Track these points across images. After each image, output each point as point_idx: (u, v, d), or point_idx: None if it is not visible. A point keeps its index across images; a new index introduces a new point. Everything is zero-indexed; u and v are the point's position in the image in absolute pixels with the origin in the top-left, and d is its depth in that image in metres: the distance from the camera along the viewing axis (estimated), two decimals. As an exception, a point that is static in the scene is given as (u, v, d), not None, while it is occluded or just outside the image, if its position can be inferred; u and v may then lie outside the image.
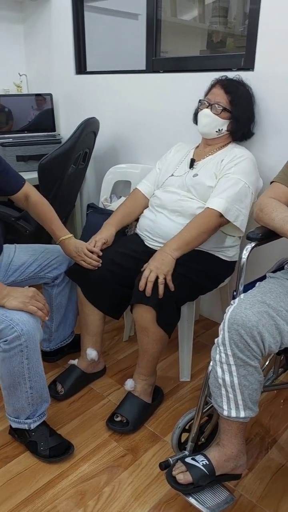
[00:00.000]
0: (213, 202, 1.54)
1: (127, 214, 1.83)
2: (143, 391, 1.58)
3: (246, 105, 1.69)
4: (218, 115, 1.64)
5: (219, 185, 1.57)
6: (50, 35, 2.56)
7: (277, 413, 1.64)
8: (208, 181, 1.61)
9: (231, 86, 1.65)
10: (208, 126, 1.66)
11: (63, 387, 1.67)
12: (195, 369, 1.85)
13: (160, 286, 1.43)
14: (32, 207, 1.63)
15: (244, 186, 1.56)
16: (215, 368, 1.18)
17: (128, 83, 2.26)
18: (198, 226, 1.53)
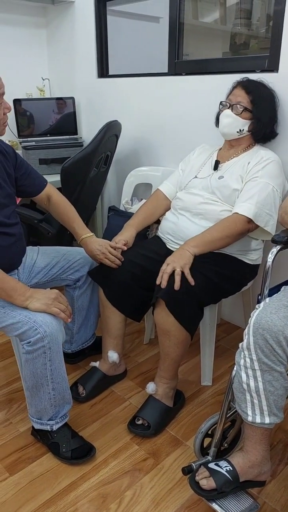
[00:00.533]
0: (241, 207, 1.52)
1: (148, 215, 1.83)
2: (164, 395, 1.57)
3: (268, 105, 1.66)
4: (239, 115, 1.62)
5: (247, 190, 1.55)
6: (73, 39, 2.59)
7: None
8: (233, 184, 1.60)
9: (252, 87, 1.64)
10: (229, 127, 1.65)
11: (85, 389, 1.67)
12: (216, 373, 1.83)
13: (176, 277, 1.42)
14: (54, 207, 1.64)
15: (272, 190, 1.54)
16: (239, 373, 1.17)
17: (150, 86, 2.26)
18: (222, 229, 1.52)
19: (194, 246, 1.50)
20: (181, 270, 1.44)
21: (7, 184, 1.45)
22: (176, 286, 1.42)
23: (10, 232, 1.44)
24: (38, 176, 1.62)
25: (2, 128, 1.33)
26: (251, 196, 1.52)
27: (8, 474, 1.37)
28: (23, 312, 1.28)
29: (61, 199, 1.66)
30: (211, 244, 1.52)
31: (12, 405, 1.65)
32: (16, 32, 2.61)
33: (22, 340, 1.28)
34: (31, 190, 1.61)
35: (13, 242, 1.45)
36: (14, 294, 1.28)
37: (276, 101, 1.69)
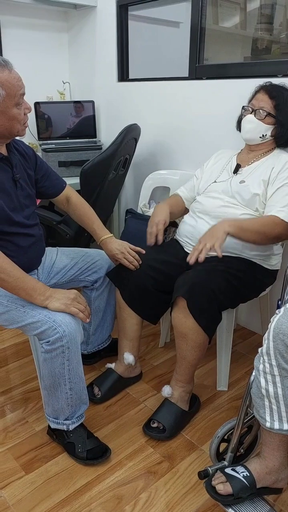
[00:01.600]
0: (282, 212, 1.49)
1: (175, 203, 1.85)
2: (180, 398, 1.57)
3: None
4: (262, 120, 1.62)
5: (280, 197, 1.53)
6: (94, 43, 2.61)
7: None
8: (255, 189, 1.59)
9: (275, 91, 1.63)
10: (251, 132, 1.64)
11: (100, 390, 1.67)
12: (232, 378, 1.82)
13: (203, 251, 1.40)
14: (73, 208, 1.66)
15: None
16: (258, 378, 1.16)
17: (170, 90, 2.27)
18: (261, 224, 1.49)
19: (229, 225, 1.45)
20: (211, 246, 1.40)
21: (27, 185, 1.47)
22: (201, 259, 1.41)
23: (30, 233, 1.46)
24: (57, 178, 1.64)
25: (22, 129, 1.34)
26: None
27: (24, 472, 1.38)
28: (43, 311, 1.29)
29: (80, 201, 1.67)
30: (247, 233, 1.47)
31: (28, 404, 1.66)
32: (39, 37, 2.65)
33: (41, 339, 1.29)
34: (51, 192, 1.62)
35: (32, 242, 1.47)
36: (34, 294, 1.29)
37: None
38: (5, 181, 1.36)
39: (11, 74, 1.23)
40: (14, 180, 1.40)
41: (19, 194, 1.42)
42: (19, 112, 1.29)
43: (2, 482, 1.35)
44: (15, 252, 1.38)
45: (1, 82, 1.21)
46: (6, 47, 2.52)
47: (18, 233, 1.40)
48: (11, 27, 2.52)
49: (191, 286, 1.43)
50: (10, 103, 1.25)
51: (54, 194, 1.64)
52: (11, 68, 1.25)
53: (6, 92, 1.22)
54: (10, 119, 1.28)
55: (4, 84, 1.22)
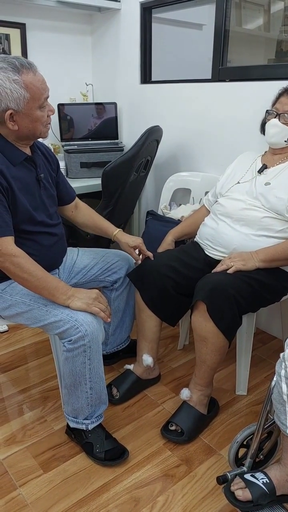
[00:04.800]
0: None
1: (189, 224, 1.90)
2: (199, 402, 1.55)
3: None
4: (286, 124, 1.60)
5: None
6: (117, 45, 2.63)
7: None
8: (281, 193, 1.57)
9: None
10: (276, 136, 1.63)
11: (119, 391, 1.67)
12: (251, 383, 1.80)
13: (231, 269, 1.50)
14: (82, 212, 1.70)
15: None
16: (279, 383, 1.14)
17: (193, 92, 2.27)
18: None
19: (262, 260, 1.53)
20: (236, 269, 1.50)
21: (50, 185, 1.49)
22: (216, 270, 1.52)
23: (53, 232, 1.47)
24: (70, 186, 1.67)
25: (45, 130, 1.36)
26: None
27: (42, 471, 1.39)
28: (65, 310, 1.30)
29: (87, 206, 1.73)
30: (278, 263, 1.55)
31: (47, 403, 1.68)
32: (63, 39, 2.68)
33: (63, 338, 1.30)
34: (66, 198, 1.64)
35: (55, 241, 1.49)
36: (56, 293, 1.30)
37: None
38: (29, 181, 1.38)
39: (35, 76, 1.25)
40: (38, 180, 1.41)
41: (42, 193, 1.43)
42: (42, 114, 1.30)
43: (20, 480, 1.36)
44: (38, 251, 1.40)
45: (25, 84, 1.22)
46: (31, 49, 2.56)
47: (41, 232, 1.42)
48: (36, 29, 2.55)
49: (211, 289, 1.42)
50: (34, 106, 1.27)
51: (68, 201, 1.66)
52: (36, 70, 1.26)
53: (30, 95, 1.24)
54: (34, 121, 1.29)
55: (29, 87, 1.23)
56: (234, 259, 1.54)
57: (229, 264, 1.52)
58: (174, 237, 1.87)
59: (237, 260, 1.53)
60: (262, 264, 1.54)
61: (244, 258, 1.54)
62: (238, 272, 1.51)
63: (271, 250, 1.55)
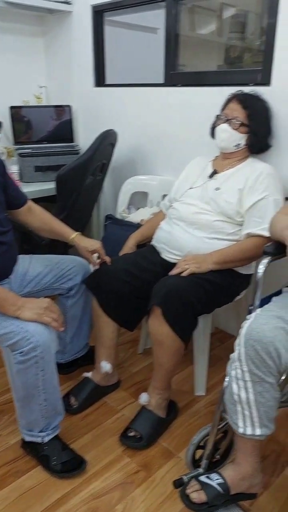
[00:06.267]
0: (266, 230, 1.50)
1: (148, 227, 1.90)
2: (157, 406, 1.56)
3: (263, 119, 1.68)
4: (236, 129, 1.63)
5: (263, 210, 1.55)
6: (70, 48, 2.60)
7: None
8: (230, 197, 1.60)
9: (247, 101, 1.65)
10: (226, 141, 1.66)
11: (77, 400, 1.65)
12: (210, 383, 1.82)
13: (185, 272, 1.51)
14: (37, 215, 1.65)
15: (281, 202, 1.56)
16: (230, 384, 1.16)
17: (146, 96, 2.27)
18: (245, 251, 1.56)
19: (215, 262, 1.55)
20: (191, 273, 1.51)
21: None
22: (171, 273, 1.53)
23: (2, 240, 1.43)
24: (20, 189, 1.62)
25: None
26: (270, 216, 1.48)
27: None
28: (15, 322, 1.27)
29: (42, 209, 1.68)
30: (231, 264, 1.59)
31: (2, 417, 1.63)
32: (13, 40, 2.62)
33: (14, 350, 1.27)
34: (17, 202, 1.59)
35: (4, 250, 1.45)
36: (5, 304, 1.27)
37: (270, 113, 1.71)
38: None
39: None
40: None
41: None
42: None
43: (-26, 499, 1.31)
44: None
45: None
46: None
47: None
48: (-16, 31, 2.49)
49: (166, 293, 1.42)
50: None
51: (19, 205, 1.60)
52: None
53: None
54: None
55: None
56: (189, 261, 1.55)
57: (184, 267, 1.54)
58: (136, 241, 1.87)
59: (191, 263, 1.54)
60: (216, 266, 1.56)
61: (198, 260, 1.56)
62: (193, 274, 1.52)
63: (223, 252, 1.58)
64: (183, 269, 1.53)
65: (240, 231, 1.62)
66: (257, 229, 1.55)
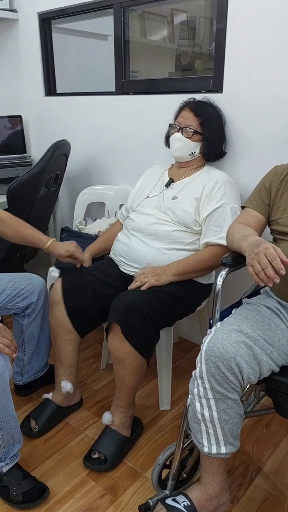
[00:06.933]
0: (224, 239, 1.48)
1: (104, 240, 1.86)
2: (121, 424, 1.51)
3: (217, 126, 1.68)
4: (189, 138, 1.62)
5: (221, 219, 1.54)
6: (18, 57, 2.52)
7: (260, 439, 1.59)
8: (187, 206, 1.58)
9: (200, 109, 1.64)
10: (181, 150, 1.64)
11: (37, 423, 1.58)
12: (175, 395, 1.79)
13: (144, 286, 1.49)
14: (8, 224, 1.59)
15: (238, 210, 1.56)
16: (193, 402, 1.13)
17: (98, 104, 2.24)
18: (205, 261, 1.55)
19: (174, 274, 1.53)
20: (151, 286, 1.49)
21: None
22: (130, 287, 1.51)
23: None
24: None
25: None
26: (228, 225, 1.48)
27: None
28: None
29: (13, 216, 1.61)
30: (190, 275, 1.56)
31: None
32: None
33: None
34: None
35: None
36: None
37: (223, 119, 1.71)
38: None
39: None
40: None
41: None
42: None
43: None
44: None
45: None
46: None
47: None
48: None
49: (124, 310, 1.38)
50: None
51: None
52: None
53: None
54: None
55: None
56: (148, 274, 1.52)
57: (143, 280, 1.50)
58: (91, 253, 1.81)
59: (150, 276, 1.51)
60: (175, 277, 1.54)
61: (157, 273, 1.53)
62: (152, 287, 1.49)
63: (182, 263, 1.56)
64: (142, 282, 1.50)
65: (198, 240, 1.60)
66: (215, 238, 1.55)
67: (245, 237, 1.23)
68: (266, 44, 1.58)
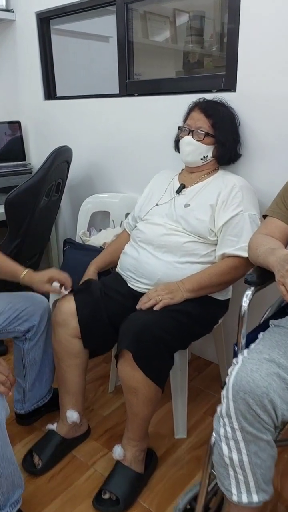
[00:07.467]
0: (243, 249, 1.36)
1: (110, 252, 1.72)
2: (134, 459, 1.36)
3: (230, 127, 1.54)
4: (201, 141, 1.48)
5: (239, 227, 1.40)
6: (16, 60, 2.40)
7: (286, 471, 1.44)
8: (201, 214, 1.44)
9: (211, 109, 1.50)
10: (192, 154, 1.51)
11: (41, 459, 1.43)
12: (191, 421, 1.64)
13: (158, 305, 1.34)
14: None
15: (258, 218, 1.43)
16: (219, 444, 0.98)
17: (101, 108, 2.10)
18: (221, 274, 1.40)
19: (189, 290, 1.38)
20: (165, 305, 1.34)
21: None
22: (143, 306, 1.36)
23: None
24: None
25: None
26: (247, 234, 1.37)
27: None
28: None
29: None
30: (206, 290, 1.42)
31: None
32: None
33: None
34: None
35: None
36: None
37: (236, 120, 1.57)
38: None
39: None
40: None
41: None
42: None
43: None
44: None
45: None
46: None
47: None
48: None
49: (136, 334, 1.24)
50: None
51: None
52: None
53: None
54: None
55: None
56: (161, 292, 1.37)
57: (157, 299, 1.35)
58: (96, 267, 1.68)
59: (164, 294, 1.37)
60: (190, 294, 1.39)
61: (171, 289, 1.38)
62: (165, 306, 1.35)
63: (196, 277, 1.41)
64: (156, 301, 1.35)
65: (214, 252, 1.46)
66: (232, 249, 1.40)
67: (272, 251, 1.09)
68: (284, 38, 1.44)
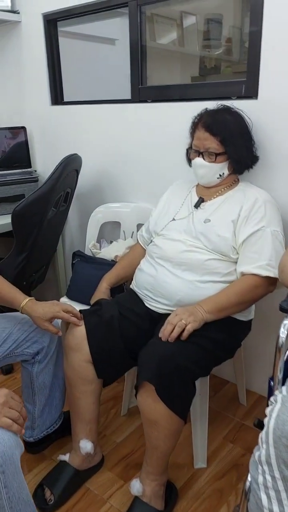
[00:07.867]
0: (262, 268, 1.28)
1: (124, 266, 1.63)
2: (153, 495, 1.26)
3: (240, 138, 1.41)
4: (213, 162, 1.38)
5: (257, 244, 1.31)
6: (21, 63, 2.30)
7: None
8: (223, 231, 1.35)
9: (216, 125, 1.36)
10: (206, 176, 1.42)
11: (53, 493, 1.33)
12: (210, 449, 1.54)
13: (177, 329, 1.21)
14: None
15: (281, 235, 1.34)
16: (257, 493, 0.89)
17: (111, 114, 2.01)
18: (241, 294, 1.30)
19: (208, 311, 1.28)
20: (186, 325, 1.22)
21: None
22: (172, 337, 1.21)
23: None
24: None
25: None
26: (268, 253, 1.29)
27: None
28: None
29: None
30: (226, 311, 1.31)
31: None
32: None
33: None
34: None
35: None
36: None
37: (245, 124, 1.44)
38: None
39: None
40: None
41: None
42: None
43: None
44: None
45: None
46: None
47: None
48: None
49: (159, 366, 1.14)
50: None
51: None
52: None
53: None
54: None
55: None
56: (183, 315, 1.24)
57: (180, 324, 1.22)
58: (109, 283, 1.58)
59: (187, 317, 1.23)
60: (209, 316, 1.28)
61: (191, 312, 1.26)
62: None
63: (215, 298, 1.31)
64: (180, 327, 1.22)
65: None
66: (252, 266, 1.31)
67: None
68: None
